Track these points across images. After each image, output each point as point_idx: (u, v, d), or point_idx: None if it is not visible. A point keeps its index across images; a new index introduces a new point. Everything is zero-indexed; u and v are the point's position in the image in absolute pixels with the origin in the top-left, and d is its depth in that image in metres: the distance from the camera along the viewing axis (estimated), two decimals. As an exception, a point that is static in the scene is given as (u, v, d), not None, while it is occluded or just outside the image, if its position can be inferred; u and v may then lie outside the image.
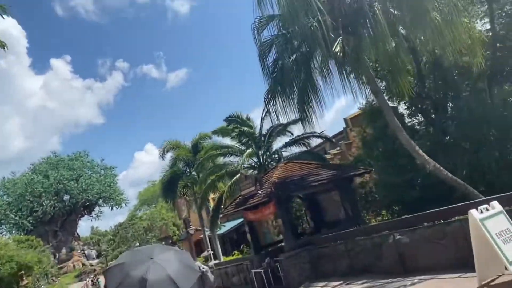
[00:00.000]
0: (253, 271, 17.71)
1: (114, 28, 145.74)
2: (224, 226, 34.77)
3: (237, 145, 22.73)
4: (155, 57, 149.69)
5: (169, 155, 30.85)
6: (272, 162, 21.90)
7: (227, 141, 23.43)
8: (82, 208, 78.04)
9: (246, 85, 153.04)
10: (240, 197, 18.74)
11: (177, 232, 60.06)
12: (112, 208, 76.61)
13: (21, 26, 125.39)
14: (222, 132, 23.05)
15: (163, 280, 3.98)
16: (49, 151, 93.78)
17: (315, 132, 21.29)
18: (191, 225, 27.33)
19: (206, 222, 32.59)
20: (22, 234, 65.30)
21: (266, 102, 15.91)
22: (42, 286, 54.68)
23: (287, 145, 22.45)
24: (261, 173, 19.63)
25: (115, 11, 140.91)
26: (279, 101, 15.79)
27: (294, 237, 17.15)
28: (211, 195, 28.46)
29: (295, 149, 22.59)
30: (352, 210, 17.45)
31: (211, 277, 6.12)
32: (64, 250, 73.84)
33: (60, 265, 68.43)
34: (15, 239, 57.66)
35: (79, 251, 75.87)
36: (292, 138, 22.46)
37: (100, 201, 78.82)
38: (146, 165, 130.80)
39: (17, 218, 69.31)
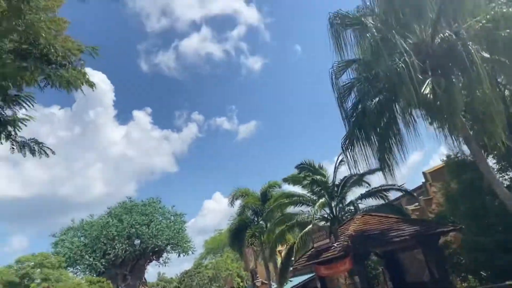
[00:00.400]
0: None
1: (192, 83, 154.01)
2: (291, 281, 32.96)
3: (308, 194, 21.60)
4: (227, 110, 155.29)
5: (237, 203, 30.33)
6: (346, 214, 20.43)
7: (298, 190, 22.46)
8: (151, 253, 78.94)
9: (314, 138, 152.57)
10: (313, 249, 17.44)
11: (241, 284, 58.46)
12: (179, 255, 76.65)
13: (109, 80, 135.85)
14: (293, 180, 22.01)
15: None
16: (125, 196, 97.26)
17: (394, 185, 19.77)
18: (257, 277, 26.15)
19: (272, 275, 31.11)
20: (95, 275, 66.82)
21: (344, 148, 14.91)
22: (109, 329, 54.92)
23: (363, 196, 20.90)
24: (334, 225, 18.27)
25: (194, 67, 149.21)
26: (357, 147, 14.74)
27: (372, 298, 15.46)
28: (279, 247, 27.19)
29: (371, 202, 21.08)
30: (438, 271, 15.47)
31: None
32: (131, 295, 74.30)
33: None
34: (87, 280, 59.10)
35: (145, 296, 76.00)
36: (369, 190, 20.91)
37: (169, 248, 79.35)
38: (214, 213, 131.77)
39: (91, 259, 71.32)
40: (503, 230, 18.59)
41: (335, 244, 15.10)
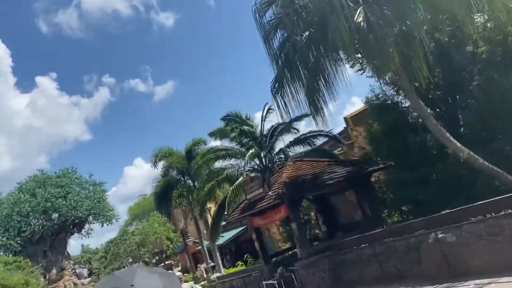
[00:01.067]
0: (264, 282, 15.58)
1: (99, 44, 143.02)
2: (222, 236, 32.45)
3: (237, 147, 20.58)
4: (141, 71, 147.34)
5: (161, 164, 28.62)
6: (277, 163, 19.82)
7: (226, 144, 21.32)
8: (71, 226, 74.83)
9: (238, 94, 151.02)
10: (246, 201, 16.66)
11: (171, 246, 57.42)
12: (102, 225, 73.37)
13: (5, 44, 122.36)
14: (220, 133, 20.69)
15: None
16: (36, 169, 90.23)
17: (322, 131, 19.41)
18: (189, 236, 25.15)
19: (203, 233, 30.36)
20: (10, 255, 61.90)
21: (273, 92, 13.91)
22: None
23: (291, 144, 20.28)
24: (266, 174, 17.56)
25: (100, 26, 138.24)
26: (288, 89, 13.83)
27: (309, 243, 15.13)
28: (209, 205, 26.27)
29: (300, 149, 20.60)
30: (371, 210, 15.46)
31: None
32: (54, 270, 70.32)
33: (51, 286, 65.00)
34: (1, 261, 54.50)
35: (70, 270, 72.42)
36: (298, 136, 20.39)
37: (90, 218, 75.67)
38: (136, 179, 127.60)
39: (4, 239, 65.97)
40: (425, 165, 19.15)
41: (270, 193, 14.38)
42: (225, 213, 19.41)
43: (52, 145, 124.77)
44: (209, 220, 27.79)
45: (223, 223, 21.78)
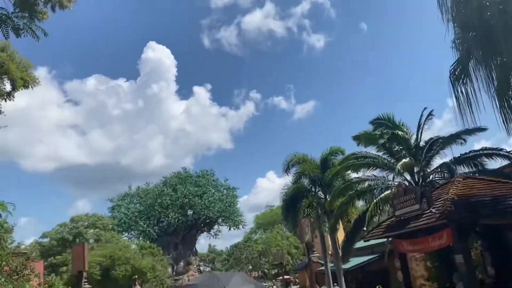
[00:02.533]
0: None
1: (252, 60, 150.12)
2: (350, 261, 28.64)
3: (384, 156, 16.96)
4: (285, 89, 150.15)
5: (293, 171, 26.22)
6: (436, 180, 15.63)
7: (371, 151, 17.75)
8: (202, 225, 77.31)
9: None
10: (393, 219, 13.10)
11: (291, 262, 54.83)
12: (230, 229, 74.26)
13: (173, 56, 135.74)
14: (366, 138, 17.01)
15: None
16: (180, 167, 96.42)
17: (502, 149, 14.82)
18: (314, 251, 22.09)
19: (329, 254, 27.00)
20: (148, 241, 65.83)
21: (453, 79, 10.31)
22: (157, 295, 53.35)
23: (456, 162, 15.70)
24: (423, 188, 13.72)
25: (255, 44, 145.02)
26: (472, 79, 10.11)
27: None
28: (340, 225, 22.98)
29: (462, 169, 16.02)
30: None
31: None
32: (181, 263, 73.07)
33: (176, 277, 67.37)
34: (139, 245, 57.86)
35: (195, 266, 74.57)
36: (466, 153, 15.62)
37: (220, 220, 77.27)
38: (266, 192, 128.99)
39: (145, 226, 70.55)
40: None
41: (433, 210, 10.70)
42: (364, 228, 16.01)
43: (198, 149, 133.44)
44: (338, 238, 24.39)
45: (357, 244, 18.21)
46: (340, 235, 30.30)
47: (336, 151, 24.70)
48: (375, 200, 14.91)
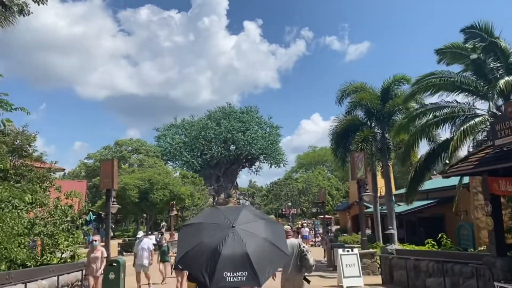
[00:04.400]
0: (497, 284, 8.76)
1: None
2: (399, 205, 25.46)
3: (473, 77, 12.99)
4: (339, 28, 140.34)
5: (348, 102, 22.61)
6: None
7: (456, 70, 13.77)
8: (244, 160, 75.94)
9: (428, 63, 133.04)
10: (489, 150, 9.68)
11: (331, 202, 52.44)
12: (271, 166, 72.40)
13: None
14: (453, 51, 12.85)
15: (238, 259, 2.77)
16: (225, 102, 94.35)
17: None
18: (367, 189, 19.02)
19: (379, 195, 23.97)
20: (191, 172, 65.46)
21: None
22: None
23: None
24: None
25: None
26: None
27: None
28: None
29: None
30: None
31: (310, 259, 5.70)
32: (222, 195, 72.89)
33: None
34: (182, 173, 57.29)
35: (235, 199, 74.25)
36: None
37: (261, 157, 75.47)
38: (310, 134, 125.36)
39: (189, 157, 70.01)
40: None
41: None
42: (436, 165, 12.68)
43: (245, 87, 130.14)
44: (391, 177, 21.14)
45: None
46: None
47: (401, 79, 20.64)
48: (463, 128, 11.31)
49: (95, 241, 11.30)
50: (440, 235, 16.08)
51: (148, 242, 14.47)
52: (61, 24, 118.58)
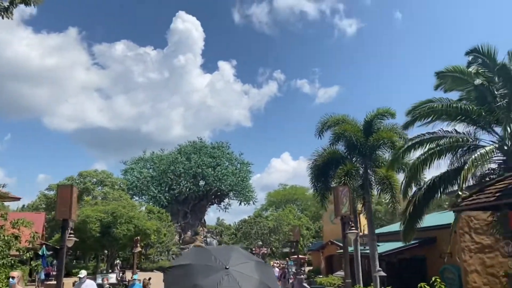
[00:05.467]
0: None
1: (280, 41, 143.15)
2: (379, 245, 23.86)
3: (474, 105, 11.79)
4: (310, 73, 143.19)
5: (328, 135, 21.30)
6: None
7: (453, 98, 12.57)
8: (213, 196, 73.36)
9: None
10: (510, 179, 8.29)
11: (301, 242, 50.35)
12: (240, 203, 70.12)
13: (202, 28, 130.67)
14: (455, 76, 11.61)
15: None
16: (196, 137, 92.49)
17: None
18: (352, 226, 17.35)
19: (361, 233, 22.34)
20: (158, 207, 62.29)
21: None
22: (160, 259, 49.62)
23: None
24: None
25: (285, 24, 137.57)
26: None
27: None
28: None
29: None
30: None
31: None
32: (189, 233, 69.53)
33: (183, 246, 63.80)
34: (148, 208, 54.19)
35: (202, 237, 70.90)
36: None
37: (231, 194, 73.24)
38: (280, 172, 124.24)
39: (156, 191, 66.96)
40: None
41: None
42: (434, 199, 11.23)
43: (217, 124, 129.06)
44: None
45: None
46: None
47: (385, 113, 19.60)
48: (474, 156, 9.96)
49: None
50: (433, 279, 14.46)
51: (91, 284, 12.05)
52: (33, 54, 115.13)
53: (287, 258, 37.44)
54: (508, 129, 10.23)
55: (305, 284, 22.91)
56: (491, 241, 17.80)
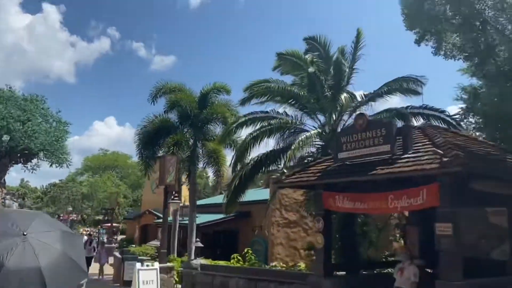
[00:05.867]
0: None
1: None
2: (198, 217, 24.15)
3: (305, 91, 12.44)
4: (147, 37, 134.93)
5: (164, 102, 20.26)
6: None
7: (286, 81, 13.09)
8: (19, 155, 63.28)
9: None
10: (330, 162, 8.95)
11: (118, 211, 48.10)
12: (51, 165, 62.19)
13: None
14: (293, 61, 11.85)
15: (28, 273, 2.29)
16: (4, 84, 78.31)
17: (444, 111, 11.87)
18: (176, 196, 16.94)
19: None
20: None
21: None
22: None
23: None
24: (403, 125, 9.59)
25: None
26: None
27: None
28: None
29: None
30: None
31: None
32: (-18, 194, 59.05)
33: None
34: None
35: (0, 198, 60.95)
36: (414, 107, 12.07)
37: (41, 154, 64.36)
38: (102, 137, 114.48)
39: None
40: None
41: (439, 151, 6.81)
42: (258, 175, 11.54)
43: (33, 74, 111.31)
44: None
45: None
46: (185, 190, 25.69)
47: (221, 88, 19.54)
48: (301, 138, 10.52)
49: None
50: (246, 250, 15.25)
51: None
52: None
53: (99, 226, 35.12)
54: (333, 117, 11.22)
55: (116, 253, 21.67)
56: (296, 218, 19.86)
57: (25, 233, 2.38)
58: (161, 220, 23.37)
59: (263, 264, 18.04)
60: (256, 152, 12.78)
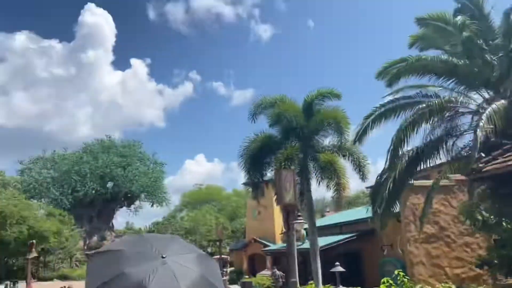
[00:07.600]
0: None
1: (196, 41, 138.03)
2: (306, 241, 21.35)
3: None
4: (225, 75, 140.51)
5: (266, 117, 18.42)
6: None
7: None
8: (123, 199, 66.46)
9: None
10: None
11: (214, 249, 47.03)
12: (152, 205, 64.41)
13: (114, 23, 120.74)
14: (439, 26, 9.53)
15: None
16: (104, 135, 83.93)
17: None
18: (299, 215, 14.56)
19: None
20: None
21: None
22: (62, 267, 42.68)
23: None
24: None
25: (201, 25, 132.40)
26: None
27: None
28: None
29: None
30: None
31: None
32: (95, 238, 61.95)
33: (88, 252, 56.42)
34: (48, 211, 46.45)
35: (110, 241, 63.68)
36: None
37: (142, 196, 67.03)
38: (194, 174, 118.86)
39: (57, 193, 58.39)
40: None
41: None
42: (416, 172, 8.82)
43: (128, 124, 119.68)
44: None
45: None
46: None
47: (327, 93, 17.19)
48: (483, 116, 7.68)
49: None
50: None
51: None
52: None
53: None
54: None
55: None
56: (435, 230, 16.37)
57: (164, 256, 2.09)
58: (269, 248, 21.11)
59: None
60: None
